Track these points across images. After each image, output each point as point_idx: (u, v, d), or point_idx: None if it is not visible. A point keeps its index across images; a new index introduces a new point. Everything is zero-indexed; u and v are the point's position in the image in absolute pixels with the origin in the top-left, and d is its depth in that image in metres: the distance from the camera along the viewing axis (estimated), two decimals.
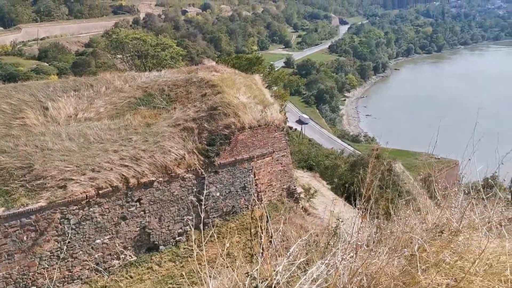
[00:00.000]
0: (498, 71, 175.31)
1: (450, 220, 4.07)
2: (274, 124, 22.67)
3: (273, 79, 52.70)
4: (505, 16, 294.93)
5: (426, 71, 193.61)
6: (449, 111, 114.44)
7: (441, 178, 6.54)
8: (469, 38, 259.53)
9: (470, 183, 6.38)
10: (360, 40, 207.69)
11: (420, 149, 66.49)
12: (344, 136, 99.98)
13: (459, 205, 4.67)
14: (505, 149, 7.06)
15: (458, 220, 3.98)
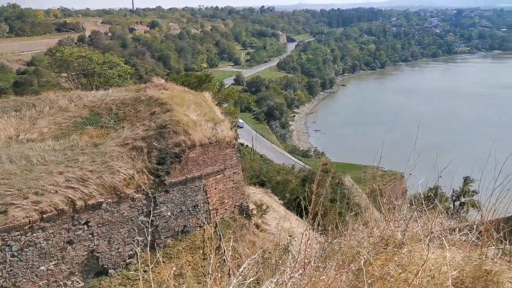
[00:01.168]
0: (436, 86, 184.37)
1: (395, 233, 4.17)
2: (225, 141, 22.66)
3: (223, 96, 52.75)
4: (442, 35, 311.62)
5: (371, 86, 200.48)
6: (394, 125, 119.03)
7: (388, 191, 6.73)
8: (409, 55, 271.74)
9: (412, 196, 6.62)
10: (307, 57, 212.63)
11: (367, 162, 68.51)
12: (295, 152, 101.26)
13: (403, 217, 4.81)
14: (445, 160, 7.39)
15: (402, 233, 4.09)
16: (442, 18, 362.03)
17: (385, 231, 4.33)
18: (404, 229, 4.16)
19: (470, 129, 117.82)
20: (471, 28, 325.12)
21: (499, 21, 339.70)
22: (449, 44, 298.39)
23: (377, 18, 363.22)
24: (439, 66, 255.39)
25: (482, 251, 3.90)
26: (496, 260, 3.93)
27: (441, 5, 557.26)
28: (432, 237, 4.14)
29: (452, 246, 4.05)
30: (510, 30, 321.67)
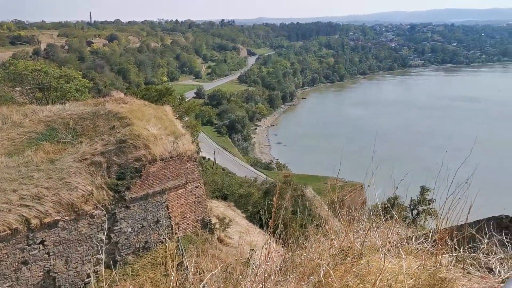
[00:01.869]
0: (392, 99, 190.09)
1: (354, 244, 4.25)
2: (187, 155, 22.47)
3: (184, 110, 52.41)
4: (397, 49, 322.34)
5: (330, 99, 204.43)
6: (353, 136, 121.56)
7: (348, 201, 6.87)
8: (367, 68, 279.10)
9: (371, 206, 6.77)
10: (268, 70, 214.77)
11: (328, 174, 69.50)
12: (257, 164, 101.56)
13: (362, 228, 4.90)
14: (403, 171, 7.62)
15: (361, 243, 4.17)
16: (397, 32, 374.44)
17: (344, 242, 4.40)
18: (362, 239, 4.24)
19: (425, 140, 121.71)
20: (424, 42, 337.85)
21: (450, 36, 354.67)
22: (404, 58, 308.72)
23: (335, 32, 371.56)
24: (395, 79, 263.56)
25: (436, 259, 4.03)
26: (450, 268, 4.06)
27: (396, 20, 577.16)
28: (389, 246, 4.24)
29: (409, 255, 4.16)
30: (460, 44, 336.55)
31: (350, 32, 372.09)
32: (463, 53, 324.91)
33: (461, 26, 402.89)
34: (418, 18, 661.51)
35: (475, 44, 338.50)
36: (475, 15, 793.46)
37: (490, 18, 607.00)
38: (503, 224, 8.10)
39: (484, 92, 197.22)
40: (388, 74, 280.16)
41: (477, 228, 5.74)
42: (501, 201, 13.35)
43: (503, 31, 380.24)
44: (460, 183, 5.53)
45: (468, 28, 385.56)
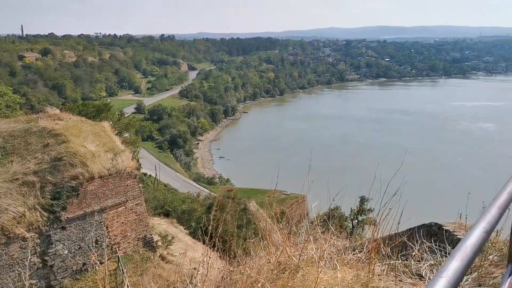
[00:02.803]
0: (331, 112, 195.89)
1: (291, 257, 4.31)
2: (126, 171, 21.92)
3: (124, 125, 51.24)
4: (334, 63, 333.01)
5: (272, 113, 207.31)
6: (295, 149, 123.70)
7: (291, 214, 6.97)
8: (306, 82, 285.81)
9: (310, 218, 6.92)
10: (209, 85, 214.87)
11: (271, 187, 70.02)
12: (200, 179, 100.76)
13: (301, 241, 4.99)
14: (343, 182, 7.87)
15: (298, 257, 4.23)
16: (334, 48, 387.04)
17: (282, 256, 4.46)
18: (299, 253, 4.32)
19: (363, 151, 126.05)
20: (360, 57, 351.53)
21: (383, 52, 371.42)
22: (341, 72, 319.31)
23: (275, 47, 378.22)
24: (333, 93, 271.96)
25: (370, 269, 4.17)
26: (383, 277, 4.22)
27: (332, 36, 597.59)
28: (326, 258, 4.34)
29: (344, 266, 4.28)
30: (393, 59, 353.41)
31: (289, 47, 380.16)
32: (395, 68, 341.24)
33: (392, 42, 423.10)
34: (352, 35, 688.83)
35: (406, 60, 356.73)
36: (405, 32, 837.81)
37: (419, 35, 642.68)
38: (432, 231, 8.55)
39: (415, 104, 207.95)
40: (327, 88, 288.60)
41: (409, 236, 6.02)
42: (431, 209, 14.08)
43: (430, 47, 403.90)
44: (394, 193, 5.79)
45: (399, 45, 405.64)
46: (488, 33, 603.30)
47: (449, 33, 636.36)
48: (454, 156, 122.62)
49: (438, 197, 75.63)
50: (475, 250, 1.37)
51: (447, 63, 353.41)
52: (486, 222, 1.55)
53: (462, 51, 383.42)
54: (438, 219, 9.43)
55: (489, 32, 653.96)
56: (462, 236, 7.09)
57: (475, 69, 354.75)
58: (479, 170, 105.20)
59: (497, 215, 1.62)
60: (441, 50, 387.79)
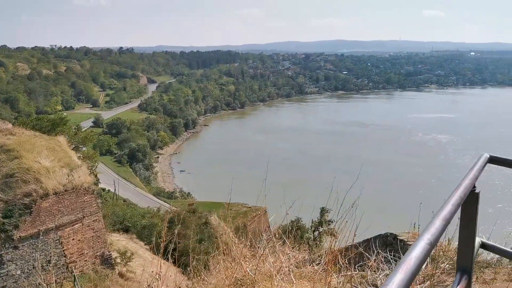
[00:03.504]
0: (291, 125, 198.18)
1: (247, 272, 4.30)
2: (83, 187, 21.33)
3: (81, 140, 49.91)
4: (294, 76, 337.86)
5: (232, 126, 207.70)
6: (256, 162, 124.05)
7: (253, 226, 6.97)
8: (266, 95, 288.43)
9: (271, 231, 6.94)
10: (169, 98, 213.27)
11: (233, 200, 69.87)
12: (160, 194, 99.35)
13: (260, 254, 5.00)
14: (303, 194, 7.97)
15: (254, 271, 4.23)
16: (293, 61, 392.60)
17: (239, 271, 4.44)
18: (255, 267, 4.31)
19: (323, 163, 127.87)
20: (318, 71, 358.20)
21: (340, 65, 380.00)
22: (300, 85, 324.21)
23: (235, 60, 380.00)
24: (293, 106, 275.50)
25: (326, 281, 4.23)
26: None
27: (291, 49, 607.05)
28: (283, 272, 4.36)
29: (302, 279, 4.31)
30: (350, 73, 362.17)
31: (249, 60, 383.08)
32: (352, 81, 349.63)
33: (350, 56, 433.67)
34: (311, 48, 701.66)
35: (363, 73, 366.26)
36: (361, 46, 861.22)
37: (374, 49, 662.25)
38: (388, 241, 8.78)
39: (373, 117, 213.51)
40: (287, 101, 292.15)
41: (366, 246, 6.14)
42: (387, 219, 14.45)
43: (386, 61, 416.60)
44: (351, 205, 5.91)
45: (356, 58, 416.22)
46: (439, 47, 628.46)
47: (403, 48, 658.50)
48: (409, 166, 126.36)
49: (394, 207, 77.58)
50: (419, 262, 1.38)
51: (402, 77, 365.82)
52: (430, 234, 1.55)
53: (415, 65, 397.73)
54: (394, 229, 9.70)
55: (440, 46, 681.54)
56: None
57: (428, 82, 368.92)
58: (433, 180, 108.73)
59: (441, 227, 1.64)
60: (395, 64, 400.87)
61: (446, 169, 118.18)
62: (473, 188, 2.30)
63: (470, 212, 2.37)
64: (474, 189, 2.30)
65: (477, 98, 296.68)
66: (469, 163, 2.53)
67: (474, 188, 2.31)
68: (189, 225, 39.43)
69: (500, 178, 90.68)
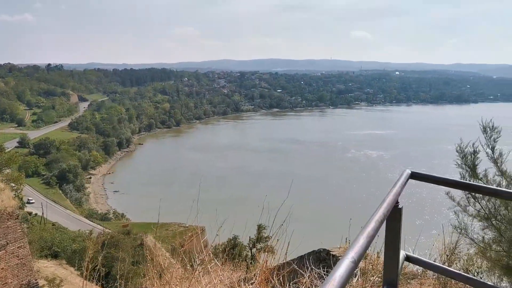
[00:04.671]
0: (228, 143, 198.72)
1: None
2: (6, 212, 20.05)
3: (4, 161, 47.16)
4: (229, 94, 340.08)
5: (168, 144, 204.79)
6: (193, 181, 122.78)
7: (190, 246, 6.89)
8: (202, 113, 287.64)
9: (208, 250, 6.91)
10: (102, 116, 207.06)
11: (170, 220, 68.63)
12: (92, 216, 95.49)
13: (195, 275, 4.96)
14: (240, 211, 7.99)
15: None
16: (228, 79, 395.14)
17: None
18: None
19: (260, 180, 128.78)
20: (253, 89, 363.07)
21: (275, 83, 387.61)
22: (236, 103, 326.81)
23: (170, 78, 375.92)
24: (229, 123, 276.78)
25: None
26: None
27: (226, 68, 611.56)
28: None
29: None
30: (284, 91, 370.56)
31: (185, 78, 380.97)
32: (287, 98, 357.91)
33: (284, 74, 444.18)
34: (246, 67, 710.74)
35: (297, 91, 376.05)
36: (295, 65, 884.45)
37: (307, 68, 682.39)
38: (321, 257, 9.01)
39: (307, 134, 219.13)
40: (223, 119, 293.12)
41: (300, 263, 6.26)
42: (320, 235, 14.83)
43: (318, 79, 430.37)
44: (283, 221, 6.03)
45: (289, 77, 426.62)
46: (368, 67, 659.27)
47: (334, 67, 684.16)
48: (342, 182, 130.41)
49: (327, 222, 79.36)
50: (343, 281, 1.40)
51: (334, 94, 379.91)
52: (354, 252, 1.58)
53: (346, 83, 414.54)
54: (326, 244, 9.97)
55: (369, 66, 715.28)
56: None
57: (358, 100, 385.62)
58: (364, 195, 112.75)
59: (365, 244, 1.70)
60: (327, 82, 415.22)
61: (377, 184, 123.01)
62: (396, 204, 2.40)
63: (394, 227, 2.48)
64: (397, 204, 2.41)
65: (403, 114, 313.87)
66: (397, 177, 2.68)
67: (397, 204, 2.41)
68: (123, 248, 38.21)
69: (427, 191, 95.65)
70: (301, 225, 7.32)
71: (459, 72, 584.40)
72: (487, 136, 6.16)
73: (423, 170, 2.78)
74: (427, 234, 8.36)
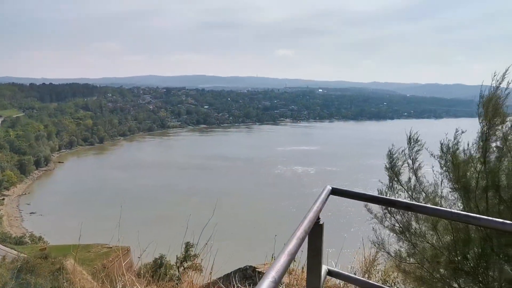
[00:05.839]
0: (154, 160, 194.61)
1: None
2: None
3: None
4: (155, 110, 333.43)
5: (91, 162, 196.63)
6: (118, 199, 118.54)
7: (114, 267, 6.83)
8: (127, 130, 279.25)
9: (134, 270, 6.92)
10: (17, 133, 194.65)
11: (92, 241, 65.68)
12: (6, 240, 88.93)
13: None
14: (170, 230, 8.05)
15: None
16: (154, 95, 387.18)
17: None
18: None
19: (186, 199, 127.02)
20: (180, 105, 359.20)
21: (202, 100, 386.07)
22: (162, 119, 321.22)
23: (93, 94, 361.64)
24: (155, 140, 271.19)
25: None
26: None
27: (152, 83, 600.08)
28: None
29: None
30: (211, 107, 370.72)
31: (108, 94, 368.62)
32: (214, 115, 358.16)
33: (210, 91, 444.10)
34: (172, 83, 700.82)
35: (223, 107, 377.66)
36: (221, 82, 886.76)
37: (234, 85, 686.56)
38: (248, 274, 9.25)
39: (234, 150, 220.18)
40: (148, 135, 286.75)
41: (226, 281, 6.46)
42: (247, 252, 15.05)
43: (244, 96, 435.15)
44: (207, 240, 6.21)
45: (216, 93, 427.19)
46: (292, 84, 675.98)
47: (260, 84, 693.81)
48: (269, 197, 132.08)
49: (254, 239, 79.82)
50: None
51: (260, 111, 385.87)
52: (275, 271, 1.62)
53: (271, 100, 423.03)
54: (253, 261, 10.21)
55: (293, 83, 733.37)
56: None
57: (283, 116, 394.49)
58: (294, 209, 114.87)
59: (285, 262, 1.73)
60: (253, 98, 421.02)
61: (303, 198, 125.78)
62: (317, 220, 2.47)
63: (316, 242, 2.56)
64: (318, 220, 2.48)
65: (327, 130, 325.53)
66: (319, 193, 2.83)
67: (319, 220, 2.49)
68: (41, 273, 36.05)
69: (355, 204, 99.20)
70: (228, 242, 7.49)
71: (376, 90, 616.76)
72: (410, 147, 6.44)
73: (347, 184, 3.08)
74: (355, 246, 8.75)
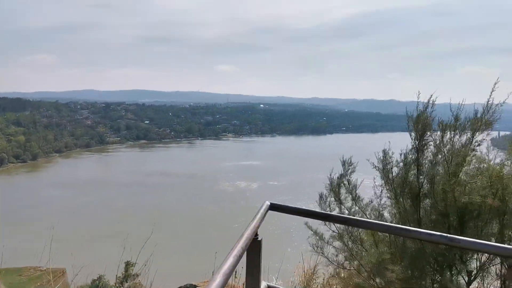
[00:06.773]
0: (91, 177, 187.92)
1: None
2: None
3: None
4: (93, 126, 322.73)
5: (22, 180, 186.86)
6: (55, 219, 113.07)
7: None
8: (63, 146, 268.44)
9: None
10: None
11: (25, 263, 62.15)
12: None
13: None
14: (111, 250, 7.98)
15: None
16: (92, 110, 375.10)
17: None
18: None
19: (127, 216, 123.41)
20: (119, 120, 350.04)
21: (142, 114, 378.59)
22: (100, 135, 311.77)
23: (25, 108, 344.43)
24: (93, 156, 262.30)
25: None
26: None
27: (89, 98, 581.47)
28: None
29: None
30: (152, 122, 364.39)
31: (43, 108, 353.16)
32: (155, 130, 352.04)
33: (151, 106, 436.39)
34: (111, 97, 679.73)
35: (165, 122, 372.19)
36: (162, 96, 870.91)
37: (175, 99, 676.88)
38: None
39: (175, 166, 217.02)
40: (86, 152, 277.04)
41: None
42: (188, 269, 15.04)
43: (186, 111, 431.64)
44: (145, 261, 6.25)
45: (157, 108, 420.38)
46: (234, 99, 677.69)
47: (203, 99, 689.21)
48: (212, 213, 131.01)
49: (196, 255, 78.78)
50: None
51: (202, 126, 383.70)
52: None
53: (214, 115, 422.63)
54: (195, 279, 10.25)
55: (235, 99, 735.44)
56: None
57: (225, 131, 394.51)
58: (236, 225, 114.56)
59: (221, 282, 1.71)
60: (196, 113, 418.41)
61: (245, 213, 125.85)
62: (256, 236, 2.49)
63: (254, 259, 2.56)
64: (256, 237, 2.50)
65: (268, 145, 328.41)
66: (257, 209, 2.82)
67: (257, 236, 2.51)
68: None
69: (295, 219, 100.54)
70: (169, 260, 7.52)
71: (316, 106, 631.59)
72: (345, 169, 7.20)
73: (290, 198, 3.19)
74: (296, 260, 8.86)
